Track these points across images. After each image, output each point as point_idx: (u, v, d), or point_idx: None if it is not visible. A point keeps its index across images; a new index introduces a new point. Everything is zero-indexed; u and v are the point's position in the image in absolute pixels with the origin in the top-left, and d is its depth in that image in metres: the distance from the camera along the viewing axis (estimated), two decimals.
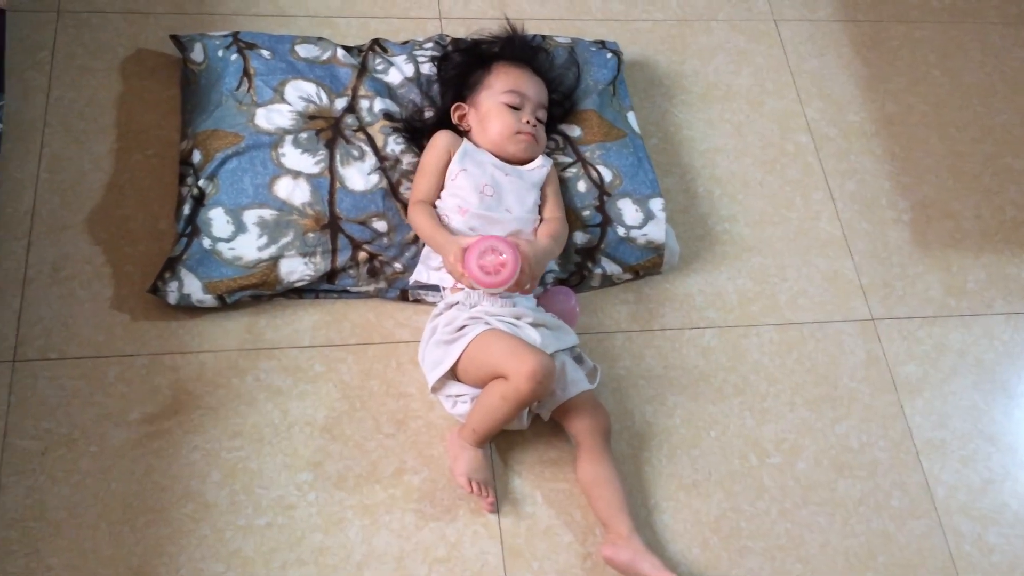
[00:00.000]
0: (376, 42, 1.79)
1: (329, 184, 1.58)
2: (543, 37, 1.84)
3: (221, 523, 1.40)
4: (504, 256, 1.41)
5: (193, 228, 1.54)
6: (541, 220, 1.59)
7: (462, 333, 1.45)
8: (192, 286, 1.51)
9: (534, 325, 1.48)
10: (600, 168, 1.69)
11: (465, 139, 1.62)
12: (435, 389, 1.48)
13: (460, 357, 1.43)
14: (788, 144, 1.96)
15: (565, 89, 1.75)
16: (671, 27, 2.07)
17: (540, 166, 1.62)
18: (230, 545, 1.38)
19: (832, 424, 1.64)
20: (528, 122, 1.61)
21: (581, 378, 1.50)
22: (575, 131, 1.73)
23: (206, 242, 1.52)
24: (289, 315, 1.59)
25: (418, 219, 1.53)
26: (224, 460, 1.44)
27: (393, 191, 1.61)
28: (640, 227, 1.67)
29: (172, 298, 1.51)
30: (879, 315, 1.78)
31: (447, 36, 1.82)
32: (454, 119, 1.65)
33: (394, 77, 1.73)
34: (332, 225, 1.56)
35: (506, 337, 1.42)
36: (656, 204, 1.69)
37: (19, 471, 1.39)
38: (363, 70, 1.71)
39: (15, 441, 1.41)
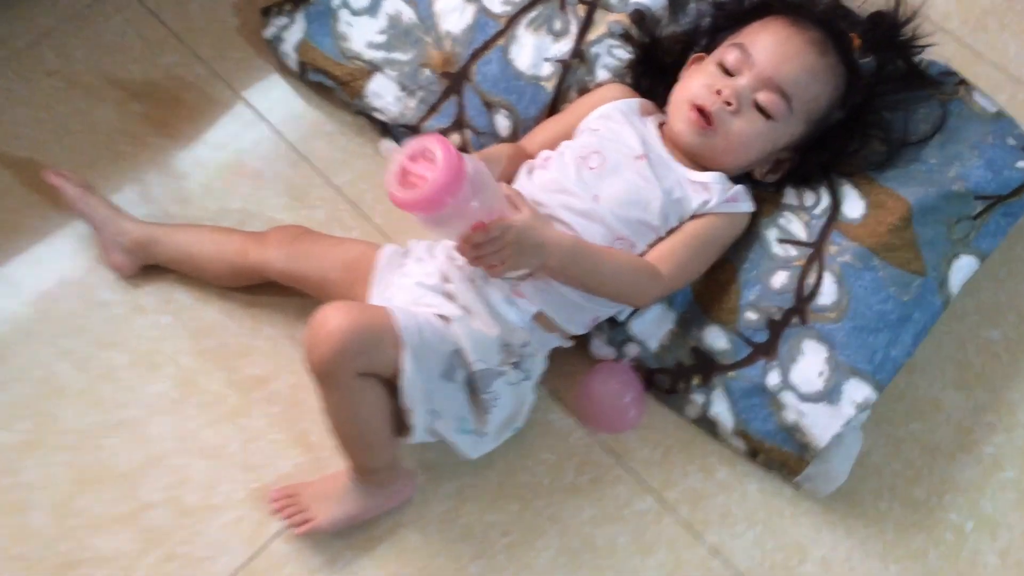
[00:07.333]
0: None
1: (491, 35, 1.12)
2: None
3: None
4: (438, 155, 0.80)
5: None
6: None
7: None
8: (294, 37, 1.20)
9: (449, 298, 0.93)
10: (828, 276, 1.00)
11: (640, 99, 1.06)
12: None
13: None
14: None
15: (877, 105, 1.04)
16: None
17: (706, 184, 0.99)
18: None
19: None
20: (720, 92, 0.96)
21: None
22: (854, 209, 1.03)
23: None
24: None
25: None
26: None
27: (555, 99, 1.10)
28: (805, 399, 0.98)
29: (268, 33, 1.21)
30: None
31: None
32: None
33: None
34: (457, 79, 1.12)
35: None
36: (857, 391, 0.97)
37: None
38: None
39: None
